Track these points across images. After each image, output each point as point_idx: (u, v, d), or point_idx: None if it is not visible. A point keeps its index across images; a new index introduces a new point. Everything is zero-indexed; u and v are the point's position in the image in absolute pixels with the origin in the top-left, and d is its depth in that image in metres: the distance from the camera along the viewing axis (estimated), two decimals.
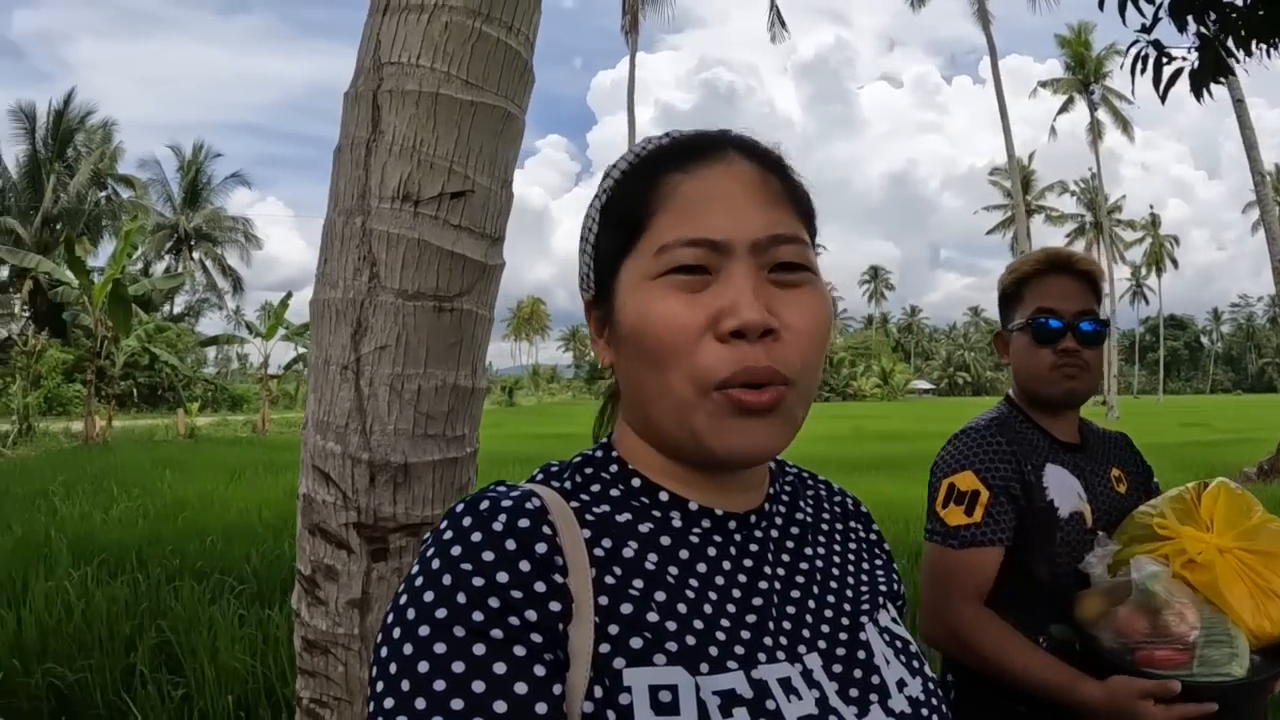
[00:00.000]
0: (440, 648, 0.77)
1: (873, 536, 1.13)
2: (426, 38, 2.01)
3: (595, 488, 0.94)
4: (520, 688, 0.77)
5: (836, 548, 1.06)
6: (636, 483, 0.95)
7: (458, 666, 0.76)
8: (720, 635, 0.87)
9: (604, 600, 0.84)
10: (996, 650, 1.89)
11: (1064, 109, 61.00)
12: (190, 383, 43.07)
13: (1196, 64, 4.05)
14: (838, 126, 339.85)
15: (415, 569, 0.84)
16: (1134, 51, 4.26)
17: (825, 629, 0.96)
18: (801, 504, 1.06)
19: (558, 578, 0.82)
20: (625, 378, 0.94)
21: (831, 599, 0.99)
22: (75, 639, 5.39)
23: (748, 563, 0.95)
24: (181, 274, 54.30)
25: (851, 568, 1.06)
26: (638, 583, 0.87)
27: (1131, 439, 2.37)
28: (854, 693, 0.92)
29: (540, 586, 0.81)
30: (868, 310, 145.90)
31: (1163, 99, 4.28)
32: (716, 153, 0.93)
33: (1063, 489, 2.04)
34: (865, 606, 1.01)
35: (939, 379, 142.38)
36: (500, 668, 0.77)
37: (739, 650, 0.87)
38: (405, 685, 0.77)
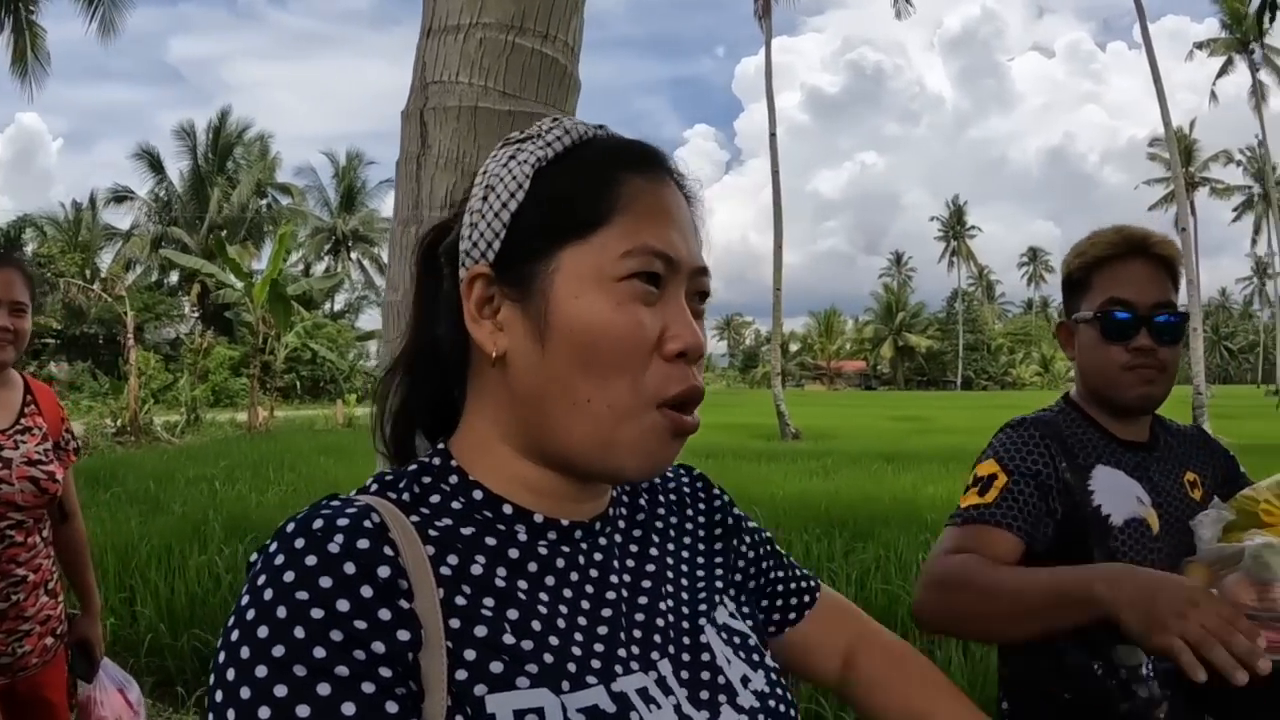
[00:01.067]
0: (281, 690, 0.70)
1: (716, 513, 1.13)
2: (464, 55, 2.13)
3: (435, 499, 0.89)
4: None
5: (671, 546, 1.05)
6: (478, 495, 0.90)
7: (302, 711, 0.70)
8: (576, 650, 0.85)
9: (455, 623, 0.79)
10: (985, 585, 1.63)
11: (1223, 72, 56.18)
12: (349, 375, 44.70)
13: None
14: (990, 101, 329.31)
15: (245, 598, 0.76)
16: None
17: (671, 634, 0.95)
18: (641, 501, 1.06)
19: (403, 603, 0.76)
20: (535, 374, 0.87)
21: (673, 603, 0.98)
22: (222, 607, 5.82)
23: (594, 572, 0.92)
24: (339, 274, 57.30)
25: (686, 567, 1.04)
26: (489, 601, 0.83)
27: (1206, 433, 2.17)
28: (704, 695, 0.92)
29: (385, 614, 0.75)
30: (1027, 294, 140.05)
31: (1259, 27, 4.03)
32: (664, 169, 0.94)
33: (1116, 493, 1.84)
34: (703, 607, 1.01)
35: None
36: (349, 709, 0.70)
37: (596, 664, 0.85)
38: None
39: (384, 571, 0.76)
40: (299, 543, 0.76)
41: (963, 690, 1.20)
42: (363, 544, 0.76)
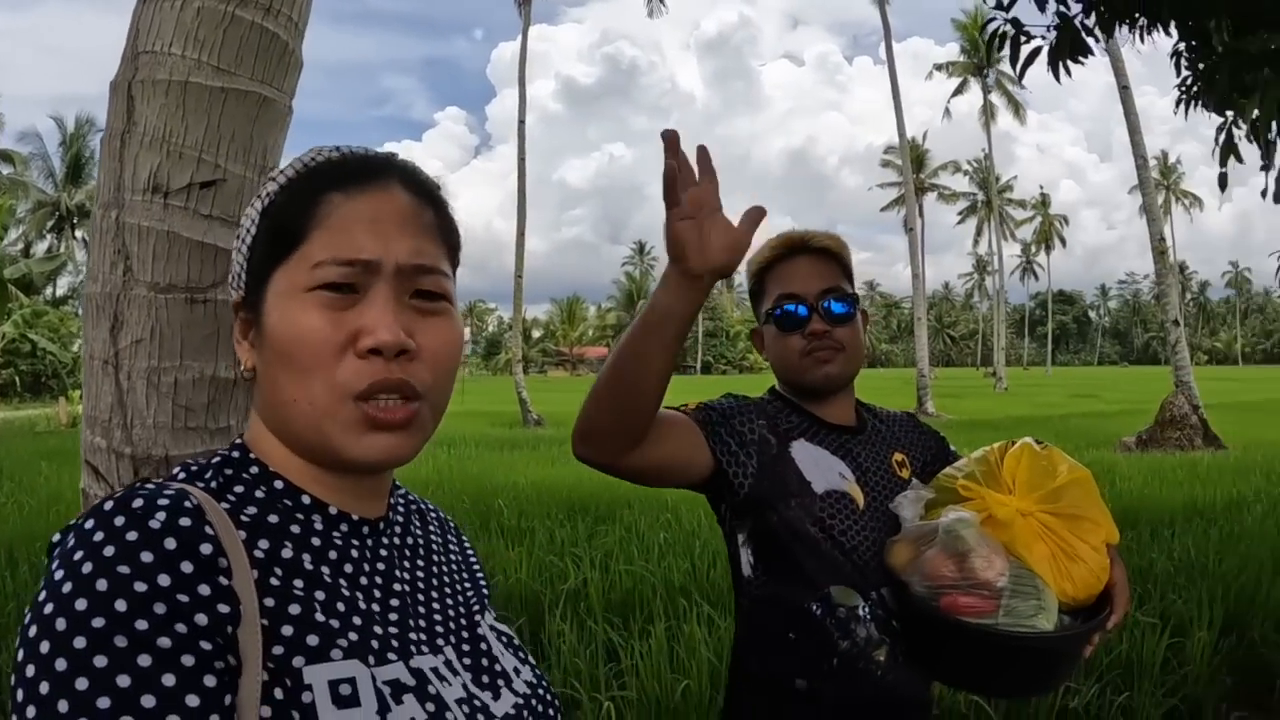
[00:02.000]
0: (101, 661, 0.72)
1: (468, 550, 1.25)
2: (179, 24, 1.97)
3: (239, 489, 0.94)
4: (192, 700, 0.74)
5: (439, 558, 1.15)
6: (279, 485, 0.96)
7: (123, 680, 0.71)
8: (378, 630, 0.92)
9: (270, 602, 0.84)
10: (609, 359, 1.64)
11: (958, 91, 63.50)
12: (74, 369, 41.36)
13: (1054, 43, 4.12)
14: (740, 103, 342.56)
15: (58, 573, 0.77)
16: (991, 29, 4.32)
17: (453, 625, 1.06)
18: (414, 520, 1.14)
19: (223, 579, 0.80)
20: (266, 382, 0.96)
21: (451, 601, 1.09)
22: None
23: (381, 566, 1.01)
24: (62, 255, 52.12)
25: (453, 578, 1.15)
26: (299, 583, 0.88)
27: (916, 417, 2.29)
28: (485, 679, 1.02)
29: (205, 589, 0.78)
30: None
31: (1019, 77, 4.37)
32: (380, 179, 0.98)
33: (817, 465, 1.92)
34: (476, 608, 1.13)
35: None
36: (169, 679, 0.73)
37: (395, 644, 0.93)
38: (64, 706, 0.71)
39: (205, 549, 0.80)
40: (119, 520, 0.78)
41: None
42: (184, 522, 0.80)
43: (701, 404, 1.92)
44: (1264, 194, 3.76)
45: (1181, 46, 4.80)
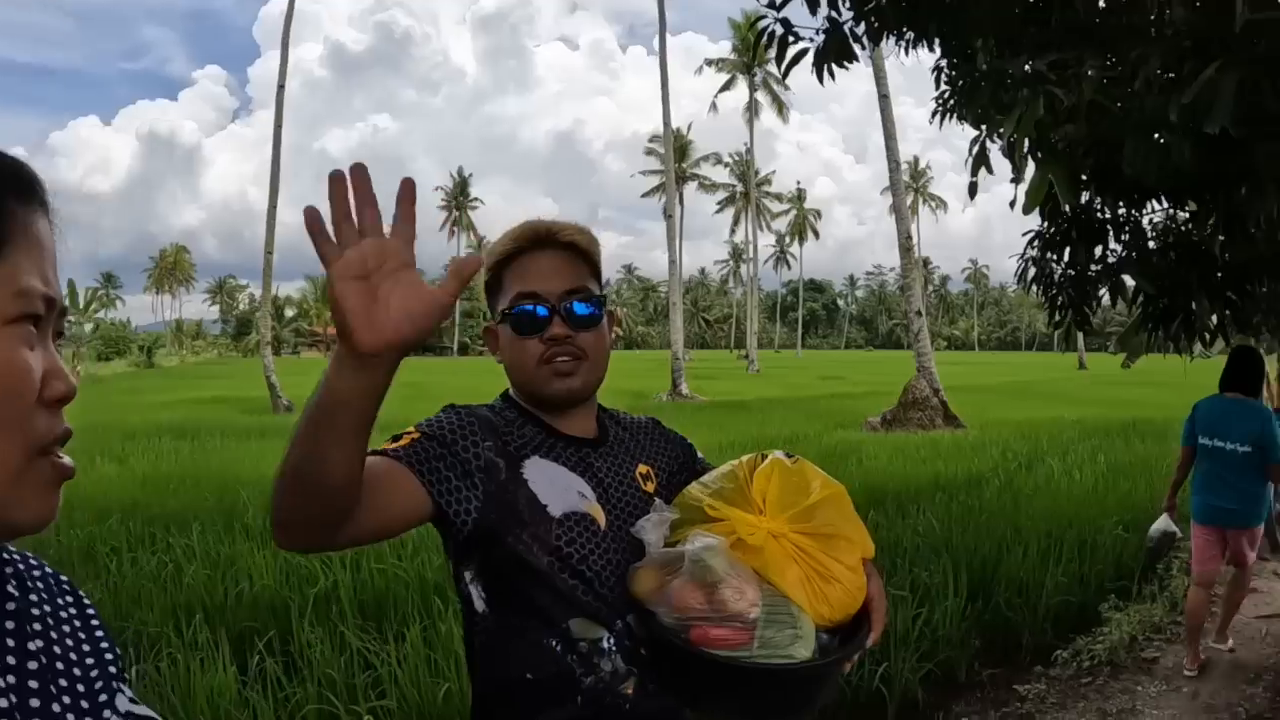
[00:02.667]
0: None
1: (90, 613, 0.97)
2: None
3: None
4: None
5: (53, 634, 0.89)
6: None
7: None
8: None
9: None
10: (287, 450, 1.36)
11: (726, 87, 66.12)
12: None
13: (822, 46, 4.14)
14: (511, 82, 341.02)
15: None
16: (761, 26, 4.31)
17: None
18: (9, 586, 0.88)
19: None
20: None
21: (69, 698, 0.85)
22: None
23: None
24: None
25: (74, 655, 0.90)
26: None
27: (661, 422, 2.10)
28: None
29: None
30: None
31: (783, 76, 4.38)
32: (39, 193, 0.85)
33: (555, 485, 1.74)
34: (104, 697, 0.90)
35: None
36: None
37: None
38: None
39: None
40: None
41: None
42: None
43: (417, 438, 1.65)
44: (1012, 204, 3.91)
45: (944, 63, 4.99)
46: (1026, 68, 3.31)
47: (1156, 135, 2.98)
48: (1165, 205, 5.21)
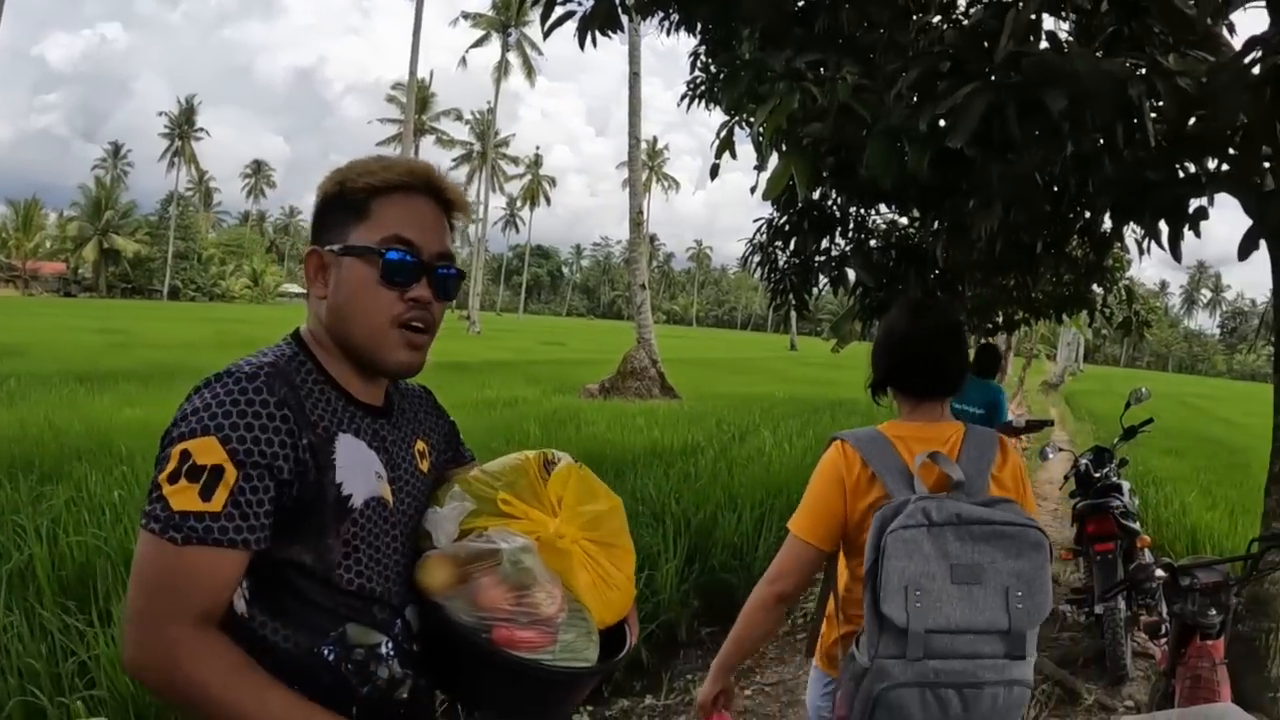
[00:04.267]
0: None
1: None
2: None
3: None
4: None
5: None
6: None
7: None
8: None
9: None
10: (225, 693, 1.36)
11: (479, 43, 65.27)
12: None
13: (590, 11, 4.09)
14: (256, 6, 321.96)
15: None
16: None
17: None
18: None
19: None
20: None
21: None
22: None
23: None
24: None
25: None
26: None
27: (434, 394, 1.94)
28: None
29: None
30: (245, 206, 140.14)
31: (545, 35, 4.28)
32: None
33: (358, 468, 1.55)
34: None
35: None
36: None
37: None
38: None
39: None
40: None
41: None
42: None
43: (234, 482, 1.39)
44: (753, 190, 4.06)
45: (702, 50, 5.08)
46: (787, 64, 3.42)
47: (898, 143, 3.14)
48: (892, 208, 5.57)
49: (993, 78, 2.80)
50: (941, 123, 2.94)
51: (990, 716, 2.06)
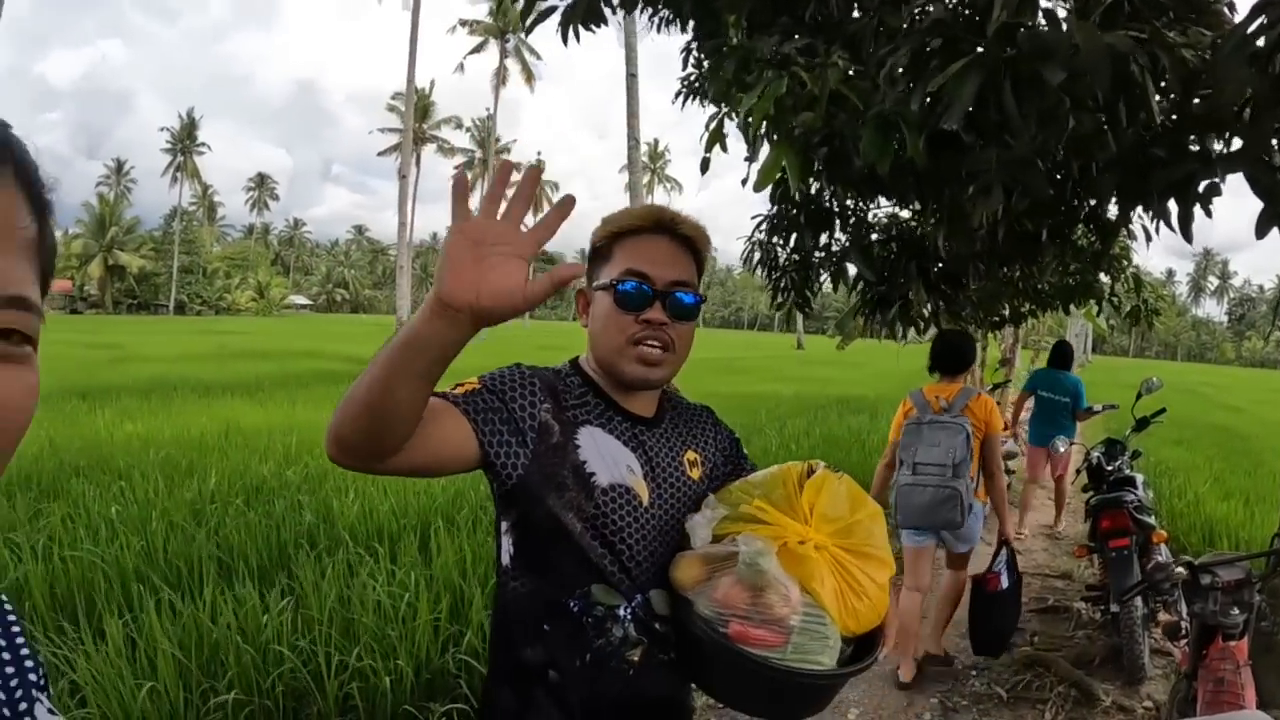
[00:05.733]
0: None
1: (10, 620, 0.92)
2: None
3: None
4: None
5: None
6: None
7: None
8: None
9: None
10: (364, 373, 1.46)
11: (477, 50, 65.30)
12: None
13: (570, 5, 3.96)
14: (255, 18, 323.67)
15: None
16: None
17: None
18: None
19: None
20: None
21: None
22: None
23: None
24: None
25: None
26: None
27: (714, 413, 2.21)
28: None
29: None
30: (250, 219, 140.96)
31: (527, 32, 4.16)
32: None
33: (605, 456, 1.82)
34: (24, 706, 0.85)
35: (318, 295, 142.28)
36: None
37: None
38: None
39: None
40: None
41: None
42: None
43: (477, 387, 1.75)
44: (744, 182, 3.91)
45: (694, 45, 4.94)
46: (774, 50, 3.29)
47: (894, 129, 3.01)
48: (891, 200, 5.41)
49: (986, 54, 2.65)
50: (937, 105, 2.81)
51: (935, 501, 5.25)
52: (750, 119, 3.33)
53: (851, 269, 6.25)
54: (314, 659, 4.30)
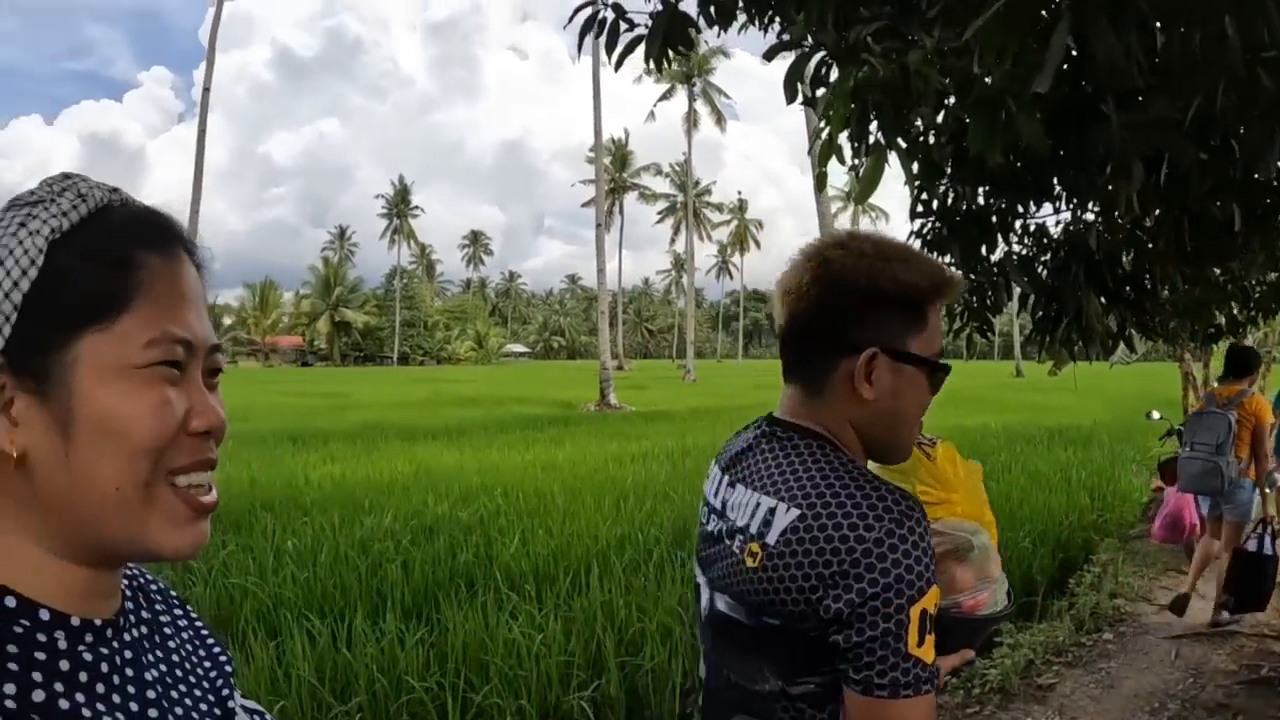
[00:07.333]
0: None
1: (196, 621, 1.09)
2: None
3: None
4: None
5: (177, 640, 1.01)
6: (11, 602, 0.80)
7: None
8: None
9: None
10: None
11: (665, 96, 66.25)
12: None
13: (650, 30, 3.77)
14: (459, 90, 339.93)
15: None
16: (585, 15, 3.89)
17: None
18: (140, 599, 0.99)
19: None
20: (63, 472, 0.81)
21: (200, 692, 0.98)
22: None
23: (130, 671, 0.88)
24: None
25: (196, 658, 1.02)
26: None
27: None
28: None
29: None
30: (466, 274, 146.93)
31: (616, 67, 4.00)
32: (182, 242, 0.90)
33: None
34: (225, 691, 1.02)
35: (535, 343, 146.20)
36: None
37: None
38: None
39: None
40: None
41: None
42: None
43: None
44: (848, 195, 3.60)
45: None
46: (843, 41, 2.97)
47: (1002, 110, 2.65)
48: (1036, 198, 4.83)
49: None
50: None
51: (1202, 471, 6.65)
52: (830, 120, 3.02)
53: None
54: (442, 693, 4.37)
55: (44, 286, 0.80)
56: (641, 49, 3.69)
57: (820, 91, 3.44)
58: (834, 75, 3.39)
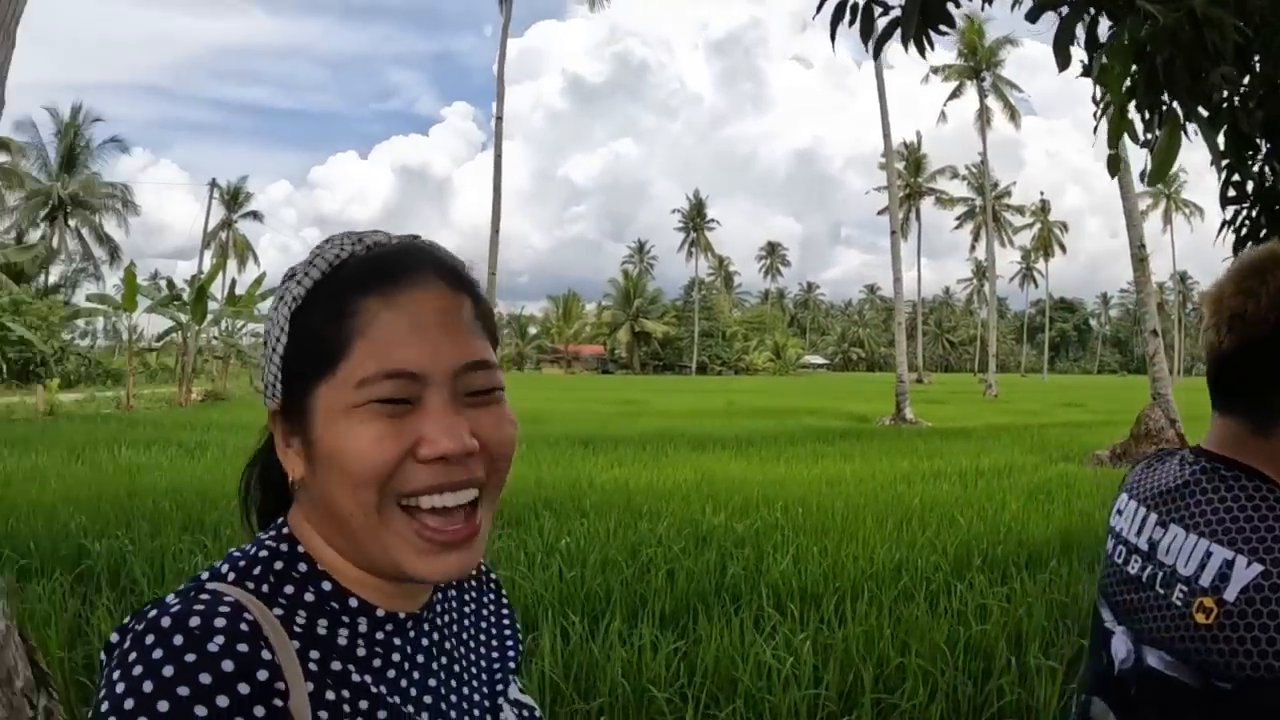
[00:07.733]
0: None
1: (504, 605, 1.22)
2: None
3: (289, 590, 0.93)
4: None
5: (470, 634, 1.12)
6: (327, 586, 0.95)
7: None
8: None
9: (324, 715, 0.85)
10: None
11: (954, 95, 63.28)
12: (62, 357, 41.63)
13: (904, 11, 3.52)
14: (747, 104, 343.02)
15: (121, 686, 0.78)
16: (834, 1, 3.68)
17: (477, 713, 1.05)
18: (449, 589, 1.11)
19: (278, 702, 0.81)
20: (323, 494, 0.93)
21: (477, 682, 1.08)
22: None
23: (420, 659, 1.00)
24: (37, 244, 52.11)
25: (484, 649, 1.13)
26: (346, 694, 0.89)
27: None
28: None
29: (260, 710, 0.79)
30: (764, 285, 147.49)
31: (875, 54, 3.79)
32: (414, 275, 0.94)
33: None
34: (500, 686, 1.12)
35: (833, 354, 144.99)
36: None
37: None
38: None
39: (262, 675, 0.81)
40: (177, 639, 0.79)
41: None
42: (241, 647, 0.81)
43: None
44: (1141, 175, 3.17)
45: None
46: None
47: None
48: None
49: None
50: None
51: None
52: (1109, 87, 2.65)
53: None
54: (684, 706, 4.35)
55: (291, 349, 0.94)
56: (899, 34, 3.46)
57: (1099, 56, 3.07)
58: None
